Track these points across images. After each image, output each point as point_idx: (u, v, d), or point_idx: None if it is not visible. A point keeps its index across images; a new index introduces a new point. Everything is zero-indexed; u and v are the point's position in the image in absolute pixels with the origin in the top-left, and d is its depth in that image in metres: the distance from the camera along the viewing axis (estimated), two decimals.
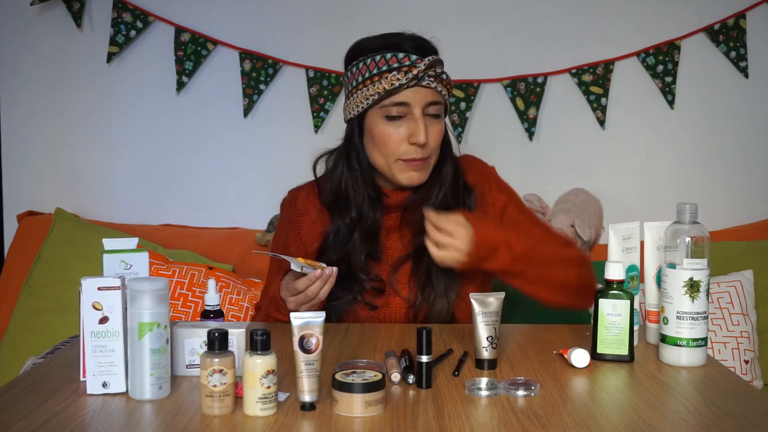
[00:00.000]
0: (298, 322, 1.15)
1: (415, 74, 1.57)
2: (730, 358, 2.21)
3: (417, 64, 1.58)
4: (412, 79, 1.57)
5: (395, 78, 1.57)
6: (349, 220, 1.68)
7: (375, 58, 1.60)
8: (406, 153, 1.61)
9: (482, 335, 1.33)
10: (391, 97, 1.59)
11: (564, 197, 2.61)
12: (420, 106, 1.60)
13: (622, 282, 1.38)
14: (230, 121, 2.72)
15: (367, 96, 1.61)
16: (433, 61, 1.58)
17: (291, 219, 1.77)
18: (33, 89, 2.74)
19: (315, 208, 1.75)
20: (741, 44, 2.63)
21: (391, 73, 1.58)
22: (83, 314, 1.20)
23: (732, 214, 2.68)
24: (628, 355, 1.37)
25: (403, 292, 1.66)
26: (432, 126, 1.62)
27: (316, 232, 1.72)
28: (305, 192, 1.78)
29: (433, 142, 1.63)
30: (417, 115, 1.60)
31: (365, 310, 1.66)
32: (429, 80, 1.59)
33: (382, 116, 1.61)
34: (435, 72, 1.60)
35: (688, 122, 2.68)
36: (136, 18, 2.66)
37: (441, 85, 1.62)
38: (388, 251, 1.70)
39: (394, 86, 1.57)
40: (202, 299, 2.25)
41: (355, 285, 1.65)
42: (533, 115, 2.66)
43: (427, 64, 1.57)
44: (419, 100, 1.60)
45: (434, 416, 1.11)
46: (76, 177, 2.76)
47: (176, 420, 1.10)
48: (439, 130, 1.64)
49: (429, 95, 1.60)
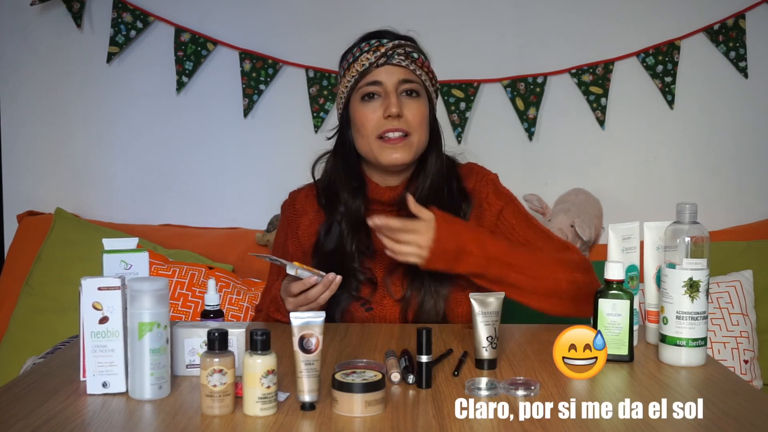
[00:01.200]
0: (298, 322, 1.15)
1: (383, 52, 1.64)
2: (730, 358, 2.21)
3: (384, 43, 1.66)
4: (380, 57, 1.64)
5: (365, 59, 1.65)
6: (339, 216, 1.70)
7: (353, 50, 1.69)
8: (382, 127, 1.64)
9: (482, 335, 1.33)
10: (364, 78, 1.65)
11: (564, 197, 2.61)
12: (392, 83, 1.65)
13: (621, 282, 1.38)
14: (230, 121, 2.72)
15: (346, 84, 1.68)
16: (399, 43, 1.65)
17: (290, 220, 1.79)
18: (33, 89, 2.74)
19: (313, 209, 1.76)
20: (741, 44, 2.63)
21: (362, 55, 1.65)
22: (83, 314, 1.20)
23: (732, 214, 2.68)
24: (628, 355, 1.37)
25: (397, 294, 1.66)
26: (409, 102, 1.66)
27: (312, 232, 1.74)
28: (304, 193, 1.80)
29: (411, 117, 1.65)
30: (389, 91, 1.64)
31: (360, 311, 1.66)
32: (399, 59, 1.65)
33: (359, 99, 1.67)
34: (404, 51, 1.65)
35: (688, 122, 2.68)
36: (136, 18, 2.66)
37: (415, 65, 1.66)
38: (383, 251, 1.69)
39: (365, 66, 1.64)
40: (202, 299, 2.25)
41: (350, 280, 1.65)
42: (533, 115, 2.66)
43: (395, 44, 1.65)
44: (391, 77, 1.65)
45: (434, 416, 1.11)
46: (76, 177, 2.76)
47: (176, 420, 1.10)
48: (417, 107, 1.66)
49: (401, 73, 1.65)
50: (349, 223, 1.69)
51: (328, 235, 1.70)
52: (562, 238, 2.39)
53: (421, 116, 1.67)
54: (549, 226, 2.45)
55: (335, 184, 1.72)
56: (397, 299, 1.66)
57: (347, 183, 1.71)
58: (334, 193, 1.72)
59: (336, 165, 1.73)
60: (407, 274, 1.66)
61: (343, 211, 1.70)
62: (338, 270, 1.59)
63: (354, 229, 1.69)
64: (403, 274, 1.66)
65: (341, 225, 1.69)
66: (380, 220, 1.53)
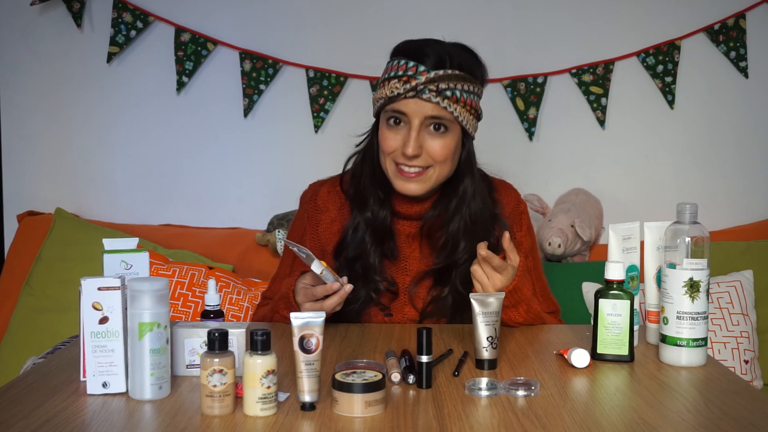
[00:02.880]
0: (298, 322, 1.15)
1: (413, 86, 1.54)
2: (730, 358, 2.21)
3: (417, 76, 1.55)
4: (409, 90, 1.55)
5: (394, 86, 1.57)
6: (365, 219, 1.68)
7: (392, 62, 1.61)
8: (399, 157, 1.60)
9: (482, 335, 1.33)
10: (391, 104, 1.58)
11: (564, 197, 2.61)
12: (419, 118, 1.57)
13: (622, 282, 1.38)
14: (230, 121, 2.72)
15: (377, 98, 1.62)
16: (435, 77, 1.54)
17: (310, 214, 1.75)
18: (33, 89, 2.74)
19: (335, 206, 1.74)
20: (741, 44, 2.63)
21: (393, 80, 1.57)
22: (83, 314, 1.20)
23: (732, 214, 2.68)
24: (628, 355, 1.37)
25: (418, 304, 1.67)
26: (432, 140, 1.58)
27: (334, 231, 1.72)
28: (327, 188, 1.76)
29: (433, 153, 1.59)
30: (413, 125, 1.57)
31: (379, 315, 1.66)
32: (430, 94, 1.55)
33: (386, 119, 1.62)
34: (437, 88, 1.54)
35: (688, 122, 2.68)
36: (136, 18, 2.66)
37: (449, 101, 1.55)
38: (408, 259, 1.70)
39: (393, 94, 1.57)
40: (202, 299, 2.25)
41: (369, 285, 1.66)
42: (533, 115, 2.66)
43: (429, 78, 1.54)
44: (418, 112, 1.56)
45: (434, 416, 1.11)
46: (77, 177, 2.76)
47: (176, 420, 1.10)
48: (443, 143, 1.59)
49: (429, 109, 1.56)
50: (373, 232, 1.67)
51: (354, 235, 1.67)
52: (563, 239, 2.40)
53: (446, 152, 1.59)
54: (549, 226, 2.45)
55: (363, 187, 1.68)
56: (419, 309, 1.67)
57: (373, 191, 1.67)
58: (362, 193, 1.69)
59: (364, 168, 1.69)
60: (433, 289, 1.67)
61: (369, 217, 1.67)
62: (360, 276, 1.60)
63: (377, 240, 1.67)
64: (428, 288, 1.68)
65: (366, 232, 1.67)
66: (485, 252, 1.47)
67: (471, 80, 1.59)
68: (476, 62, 1.62)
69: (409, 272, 1.69)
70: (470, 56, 1.62)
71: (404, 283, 1.68)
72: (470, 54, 1.62)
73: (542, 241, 2.45)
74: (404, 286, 1.68)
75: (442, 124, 1.58)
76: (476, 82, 1.60)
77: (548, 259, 2.48)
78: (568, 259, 2.49)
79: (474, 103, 1.61)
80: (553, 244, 2.42)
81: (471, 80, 1.59)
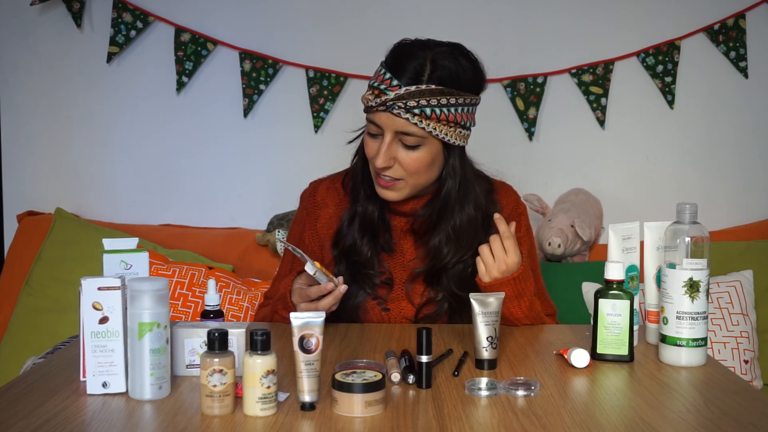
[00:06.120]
0: (298, 322, 1.15)
1: (383, 101, 1.53)
2: (730, 358, 2.21)
3: (388, 91, 1.52)
4: (380, 104, 1.53)
5: (368, 97, 1.56)
6: (357, 212, 1.69)
7: (378, 68, 1.59)
8: (374, 166, 1.60)
9: (482, 335, 1.33)
10: (368, 113, 1.59)
11: (564, 197, 2.61)
12: (390, 131, 1.55)
13: (622, 282, 1.38)
14: (230, 121, 2.72)
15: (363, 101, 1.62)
16: (405, 93, 1.51)
17: (309, 211, 1.76)
18: (33, 89, 2.74)
19: (334, 202, 1.75)
20: (741, 44, 2.63)
21: (370, 90, 1.57)
22: (83, 314, 1.20)
23: (732, 214, 2.68)
24: (628, 355, 1.37)
25: (415, 300, 1.68)
26: (405, 152, 1.56)
27: (332, 226, 1.73)
28: (326, 184, 1.78)
29: (405, 166, 1.57)
30: (385, 138, 1.55)
31: (377, 310, 1.67)
32: (400, 110, 1.52)
33: (368, 125, 1.62)
34: (405, 105, 1.51)
35: (688, 122, 2.68)
36: (136, 18, 2.66)
37: (419, 118, 1.52)
38: (405, 253, 1.70)
39: (368, 104, 1.57)
40: (202, 299, 2.25)
41: (366, 279, 1.67)
42: (533, 115, 2.66)
43: (398, 94, 1.51)
44: (390, 125, 1.54)
45: (434, 416, 1.11)
46: (76, 177, 2.76)
47: (176, 420, 1.10)
48: (414, 158, 1.56)
49: (400, 124, 1.53)
50: (362, 225, 1.68)
51: (350, 227, 1.68)
52: (563, 239, 2.40)
53: (418, 164, 1.57)
54: (549, 226, 2.45)
55: (356, 182, 1.70)
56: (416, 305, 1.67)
57: (364, 186, 1.68)
58: (355, 188, 1.70)
59: (358, 163, 1.70)
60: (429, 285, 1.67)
61: (360, 211, 1.68)
62: (356, 269, 1.59)
63: (369, 231, 1.68)
64: (425, 284, 1.68)
65: (358, 225, 1.68)
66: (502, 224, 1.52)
67: (453, 93, 1.53)
68: (466, 71, 1.57)
69: (405, 267, 1.69)
70: (459, 65, 1.55)
71: (401, 278, 1.69)
72: (461, 62, 1.56)
73: (542, 241, 2.45)
74: (401, 280, 1.69)
75: (411, 143, 1.56)
76: (461, 93, 1.55)
77: (548, 259, 2.48)
78: (568, 259, 2.49)
79: (457, 115, 1.55)
80: (553, 244, 2.42)
81: (453, 93, 1.53)
